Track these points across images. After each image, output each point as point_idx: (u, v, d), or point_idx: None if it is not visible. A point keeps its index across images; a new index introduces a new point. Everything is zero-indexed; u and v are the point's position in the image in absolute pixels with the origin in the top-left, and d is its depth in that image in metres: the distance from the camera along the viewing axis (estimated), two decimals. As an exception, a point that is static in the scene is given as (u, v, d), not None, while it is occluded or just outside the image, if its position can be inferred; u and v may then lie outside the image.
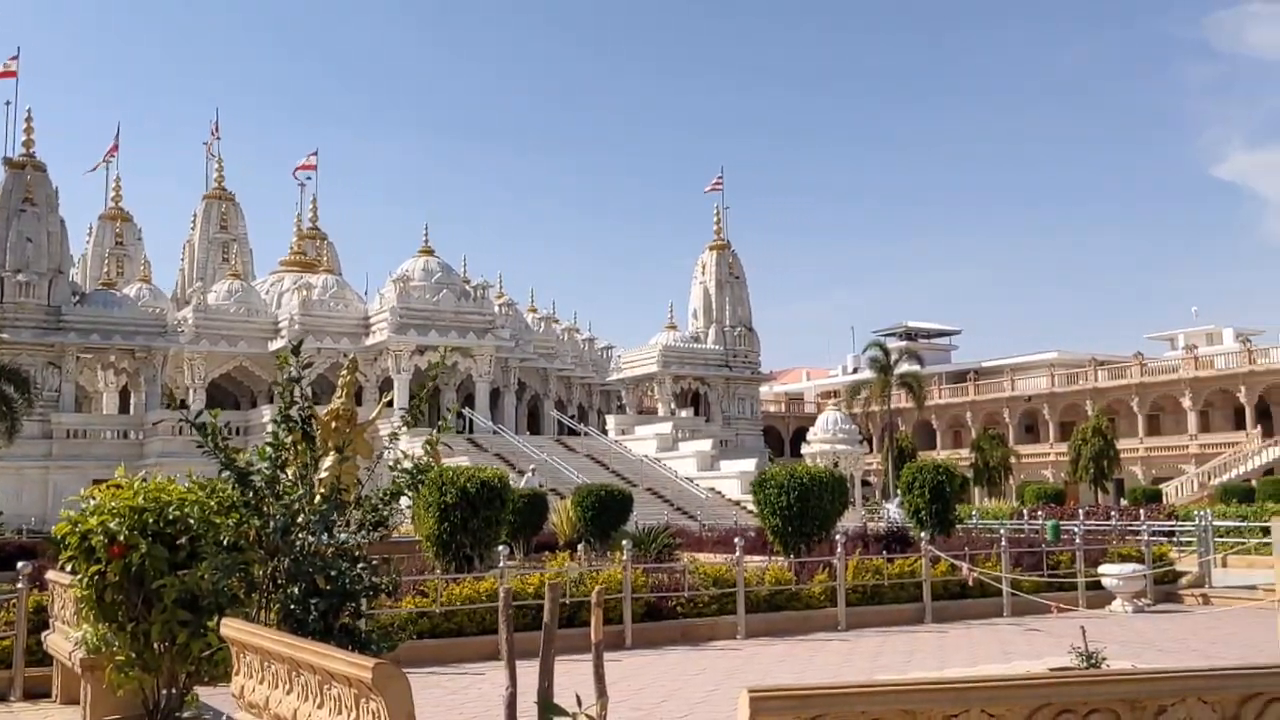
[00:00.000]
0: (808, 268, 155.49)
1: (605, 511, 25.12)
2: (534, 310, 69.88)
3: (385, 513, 6.73)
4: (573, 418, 63.75)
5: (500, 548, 15.08)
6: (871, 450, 63.19)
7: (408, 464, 6.70)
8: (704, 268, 67.84)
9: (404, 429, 7.08)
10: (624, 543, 15.61)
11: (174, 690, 7.52)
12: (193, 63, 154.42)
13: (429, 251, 57.76)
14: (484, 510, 16.59)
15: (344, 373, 10.78)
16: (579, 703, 3.96)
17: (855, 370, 77.67)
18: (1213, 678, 3.98)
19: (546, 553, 23.13)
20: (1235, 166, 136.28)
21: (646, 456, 50.56)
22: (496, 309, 59.11)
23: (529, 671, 4.20)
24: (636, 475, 45.67)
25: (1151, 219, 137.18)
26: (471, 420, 52.11)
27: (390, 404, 11.60)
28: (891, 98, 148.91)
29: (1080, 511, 33.24)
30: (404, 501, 9.08)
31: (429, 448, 7.78)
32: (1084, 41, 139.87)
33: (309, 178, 69.40)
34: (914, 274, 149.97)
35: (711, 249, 67.79)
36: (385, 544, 16.55)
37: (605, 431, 59.75)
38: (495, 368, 56.59)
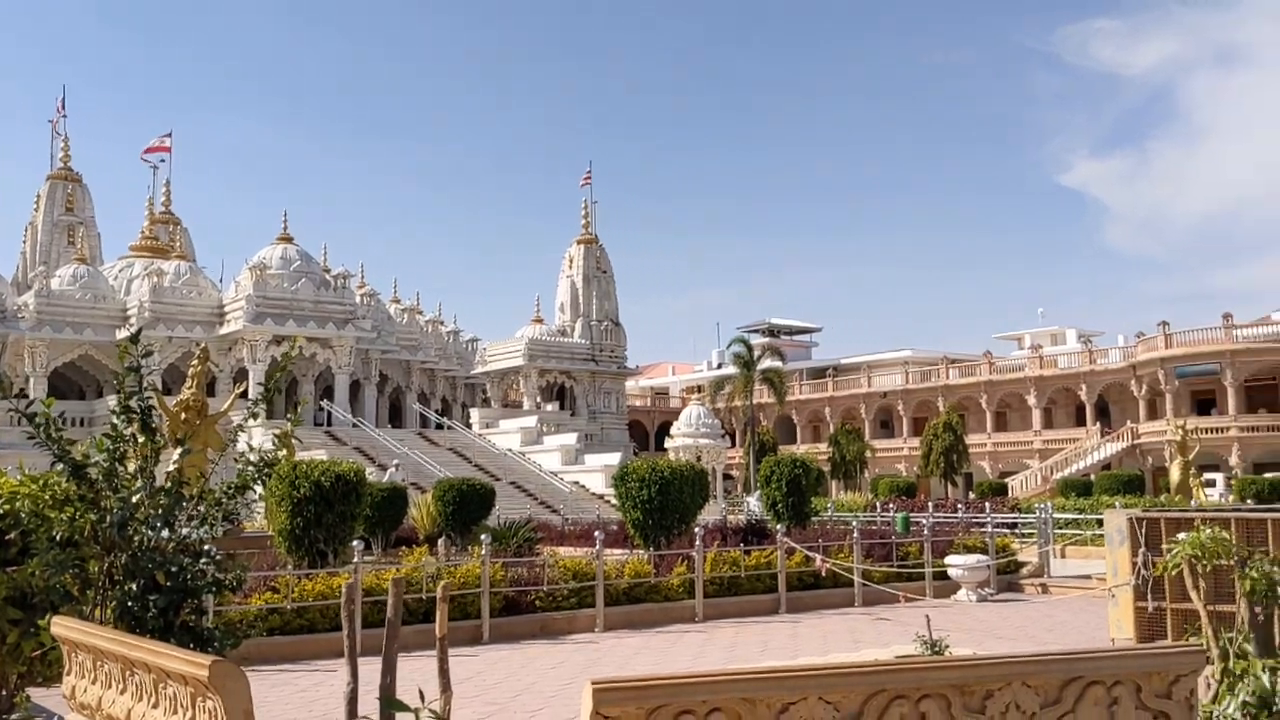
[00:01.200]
0: (675, 264, 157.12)
1: (467, 506, 24.90)
2: (397, 301, 68.82)
3: (230, 506, 6.53)
4: (437, 411, 63.02)
5: (355, 543, 14.81)
6: (734, 445, 64.20)
7: (253, 456, 6.52)
8: (571, 261, 67.84)
9: (252, 420, 6.87)
10: (483, 537, 15.51)
11: (4, 691, 7.18)
12: (36, 37, 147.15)
13: (288, 239, 56.34)
14: (339, 505, 16.24)
15: (194, 363, 10.45)
16: (422, 698, 3.92)
17: (720, 366, 78.73)
18: (1036, 663, 4.14)
19: (405, 548, 22.80)
20: (1080, 175, 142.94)
21: (511, 450, 50.34)
22: (357, 299, 58.01)
23: (377, 668, 4.14)
24: (500, 469, 45.42)
25: (1003, 223, 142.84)
26: (330, 413, 51.05)
27: (244, 395, 11.27)
28: (759, 99, 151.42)
29: (930, 504, 34.42)
30: (257, 494, 8.83)
31: (279, 440, 7.58)
32: (943, 49, 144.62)
33: (162, 160, 66.79)
34: (778, 272, 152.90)
35: (579, 243, 67.83)
36: (236, 539, 16.12)
37: (469, 425, 59.25)
38: (355, 359, 55.53)
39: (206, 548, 6.32)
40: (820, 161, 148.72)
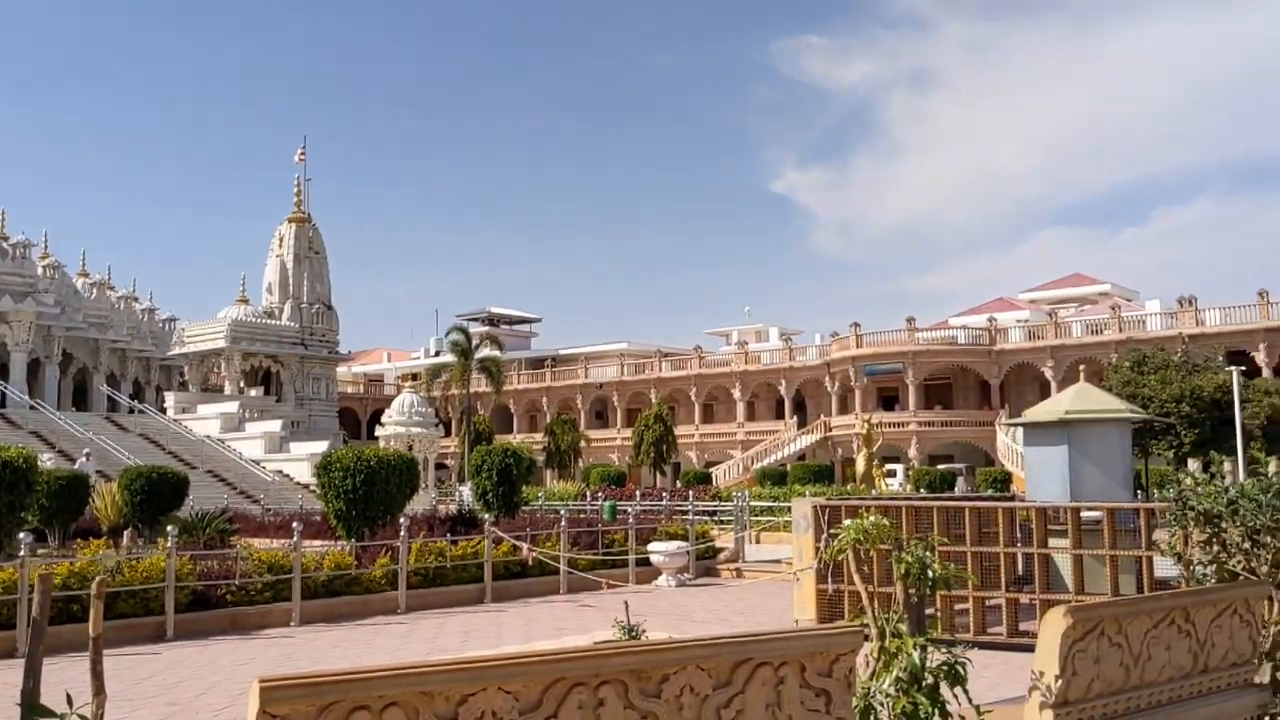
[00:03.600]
0: (395, 248, 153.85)
1: (157, 495, 23.41)
2: (85, 275, 63.78)
3: None
4: (129, 395, 58.88)
5: (22, 535, 13.57)
6: (450, 434, 63.61)
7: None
8: (282, 240, 65.04)
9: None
10: (169, 528, 14.59)
11: None
12: None
13: (-44, 201, 51.09)
14: (5, 494, 14.86)
15: None
16: (70, 702, 3.60)
17: (438, 353, 77.79)
18: (710, 646, 4.25)
19: (85, 540, 21.16)
20: (789, 182, 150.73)
21: (209, 437, 47.79)
22: (39, 270, 53.38)
23: (49, 669, 3.77)
24: (196, 457, 43.07)
25: (719, 223, 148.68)
26: (5, 394, 46.71)
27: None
28: (485, 88, 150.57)
29: (638, 493, 35.35)
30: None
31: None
32: (666, 53, 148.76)
33: None
34: (501, 262, 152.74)
35: (291, 221, 65.12)
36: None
37: (164, 410, 55.76)
38: (35, 336, 51.05)
39: None
40: (545, 153, 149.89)
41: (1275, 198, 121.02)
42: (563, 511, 20.84)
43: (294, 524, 16.37)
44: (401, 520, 17.35)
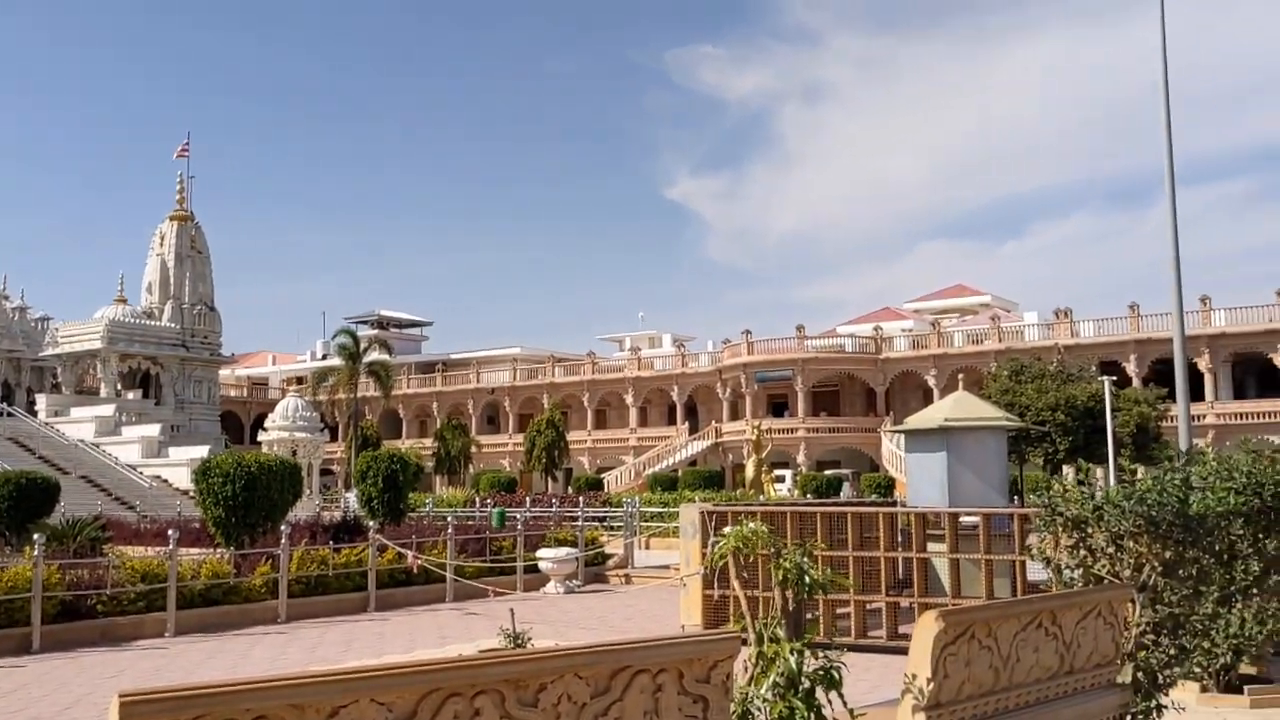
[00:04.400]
0: (282, 249, 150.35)
1: (25, 501, 22.44)
2: (-50, 272, 60.98)
3: None
4: (-2, 397, 56.52)
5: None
6: (337, 439, 62.46)
7: None
8: (163, 239, 63.05)
9: None
10: (35, 536, 14.02)
11: None
12: None
13: None
14: None
15: None
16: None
17: (325, 357, 76.30)
18: (588, 654, 4.24)
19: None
20: (683, 190, 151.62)
21: (83, 441, 46.13)
22: (-101, 266, 50.86)
23: None
24: (69, 462, 41.53)
25: (613, 229, 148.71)
26: None
27: None
28: (376, 87, 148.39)
29: (528, 499, 35.18)
30: None
31: None
32: (562, 58, 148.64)
33: None
34: (390, 263, 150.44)
35: (173, 219, 63.18)
36: None
37: (35, 413, 53.60)
38: (-105, 334, 48.66)
39: None
40: (438, 156, 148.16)
41: (1146, 215, 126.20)
42: (450, 518, 20.63)
43: (170, 531, 15.89)
44: (283, 528, 16.96)
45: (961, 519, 11.86)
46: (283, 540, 16.08)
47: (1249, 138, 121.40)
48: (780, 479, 45.07)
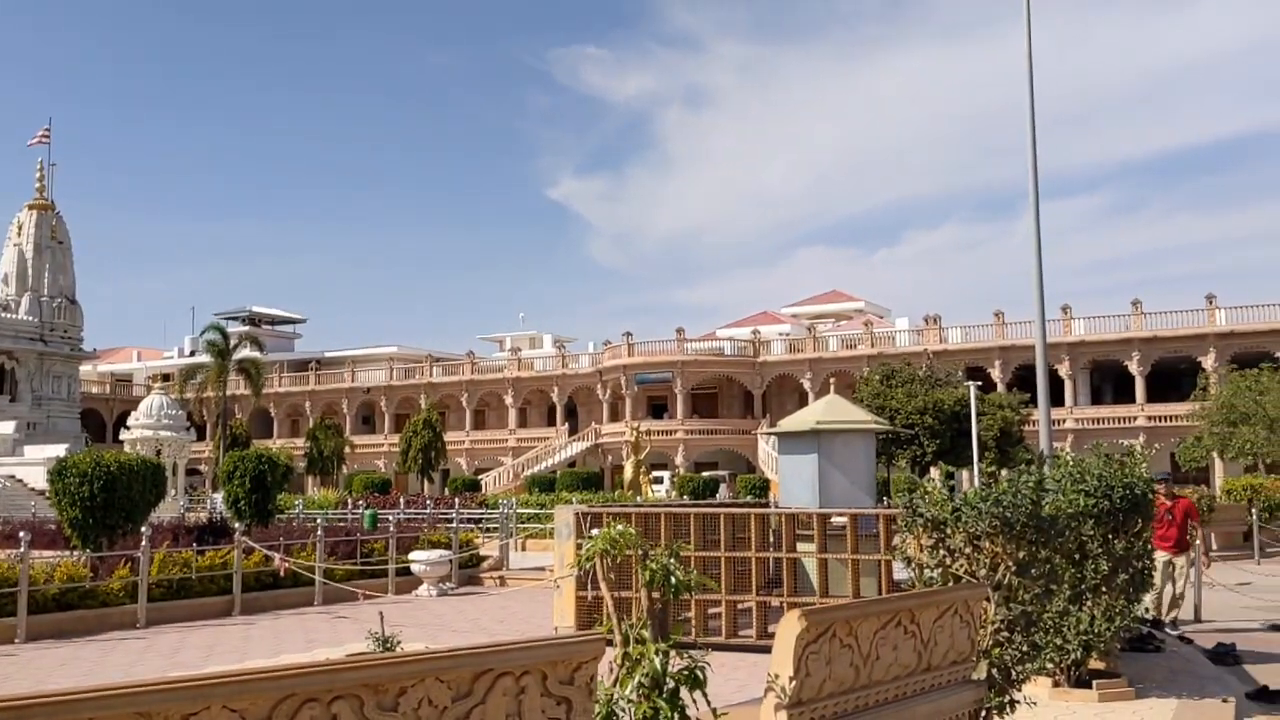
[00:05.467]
0: (149, 241, 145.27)
1: None
2: None
3: None
4: None
5: None
6: (205, 438, 60.66)
7: None
8: (21, 228, 60.39)
9: None
10: None
11: None
12: None
13: None
14: None
15: None
16: None
17: (194, 353, 74.02)
18: (450, 658, 4.20)
19: None
20: (565, 190, 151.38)
21: (-70, 439, 43.83)
22: None
23: None
24: (-86, 460, 39.40)
25: (495, 229, 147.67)
26: None
27: None
28: (249, 78, 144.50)
29: (402, 501, 34.68)
30: None
31: None
32: (444, 54, 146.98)
33: None
34: (264, 259, 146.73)
35: (32, 208, 60.59)
36: None
37: (-123, 408, 50.81)
38: None
39: None
40: (315, 150, 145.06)
41: (1012, 226, 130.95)
42: (321, 520, 20.21)
43: (21, 533, 15.21)
44: (144, 529, 16.39)
45: (831, 519, 12.10)
46: (143, 542, 15.53)
47: (1107, 154, 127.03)
48: (658, 480, 45.36)
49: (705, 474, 50.30)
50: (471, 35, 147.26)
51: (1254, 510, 25.66)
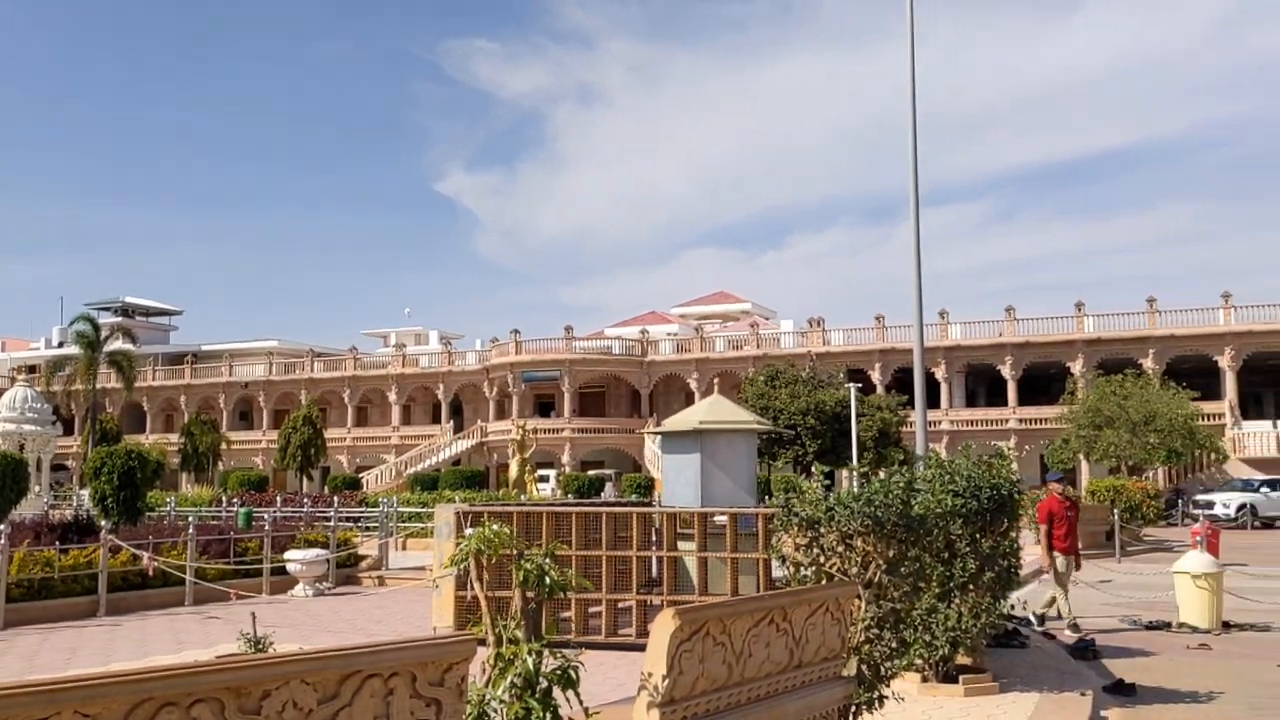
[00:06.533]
0: (15, 225, 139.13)
1: None
2: None
3: None
4: None
5: None
6: (73, 433, 58.45)
7: None
8: (-127, 210, 57.39)
9: None
10: None
11: None
12: None
13: None
14: None
15: None
16: None
17: (62, 344, 71.21)
18: (315, 659, 4.12)
19: None
20: (455, 184, 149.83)
21: None
22: None
23: None
24: None
25: (380, 222, 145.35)
26: None
27: None
28: (127, 55, 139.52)
29: (279, 498, 33.92)
30: None
31: None
32: (329, 44, 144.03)
33: None
34: (137, 247, 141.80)
35: (-115, 189, 57.61)
36: None
37: None
38: None
39: None
40: (196, 136, 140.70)
41: (893, 232, 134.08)
42: (193, 518, 19.64)
43: None
44: (3, 527, 15.72)
45: (713, 518, 12.22)
46: (2, 540, 14.89)
47: (986, 164, 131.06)
48: (544, 479, 45.23)
49: (591, 473, 50.37)
50: (361, 23, 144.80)
51: (1116, 511, 26.73)
